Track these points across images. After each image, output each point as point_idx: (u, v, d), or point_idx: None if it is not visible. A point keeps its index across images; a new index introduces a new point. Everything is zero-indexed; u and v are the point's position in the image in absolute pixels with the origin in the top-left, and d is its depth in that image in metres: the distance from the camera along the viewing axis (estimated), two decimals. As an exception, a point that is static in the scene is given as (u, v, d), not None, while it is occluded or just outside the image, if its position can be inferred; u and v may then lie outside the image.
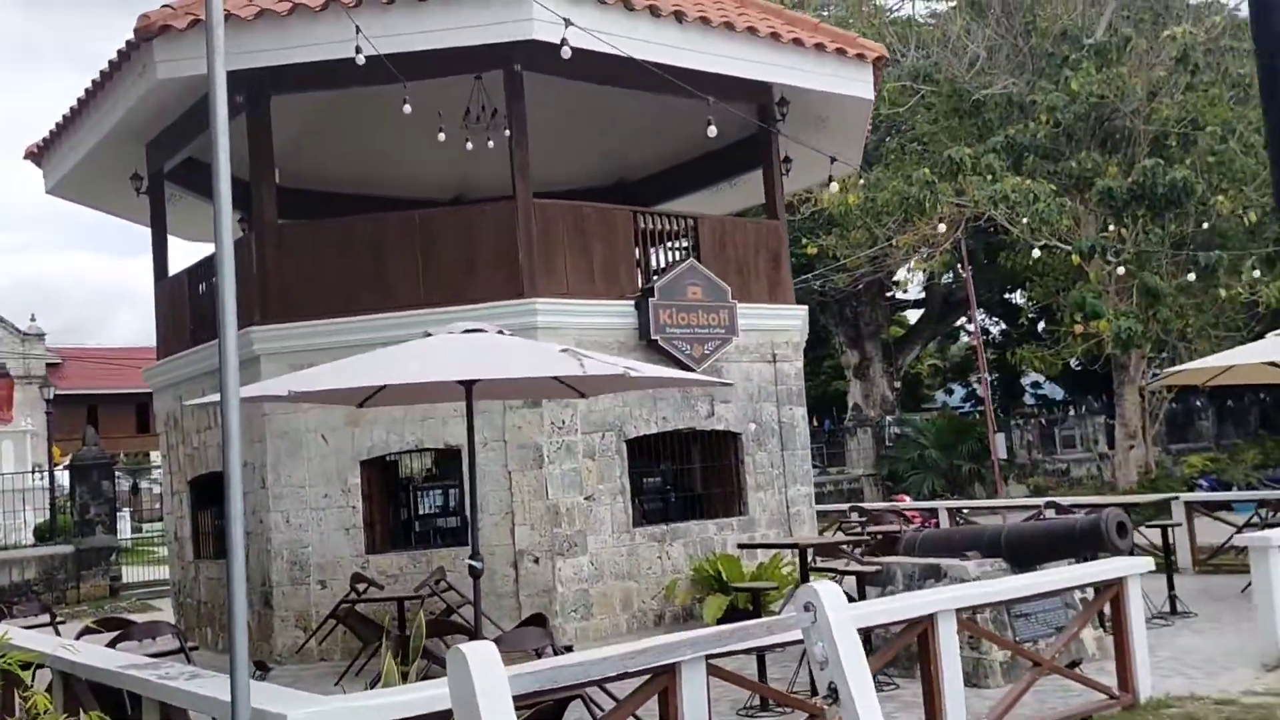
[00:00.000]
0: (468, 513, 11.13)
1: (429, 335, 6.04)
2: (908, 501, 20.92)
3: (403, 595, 10.53)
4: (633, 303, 11.96)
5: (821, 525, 18.20)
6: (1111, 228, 20.30)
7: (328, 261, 11.67)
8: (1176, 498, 14.34)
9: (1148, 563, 7.46)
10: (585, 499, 11.40)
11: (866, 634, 6.24)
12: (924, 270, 23.30)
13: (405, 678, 5.15)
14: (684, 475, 13.03)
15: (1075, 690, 7.68)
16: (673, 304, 12.00)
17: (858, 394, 40.32)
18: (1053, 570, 7.72)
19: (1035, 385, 54.12)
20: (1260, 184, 20.12)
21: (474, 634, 6.45)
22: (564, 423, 11.35)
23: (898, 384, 42.46)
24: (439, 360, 5.65)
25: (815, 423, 39.13)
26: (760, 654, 7.49)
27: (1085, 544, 8.50)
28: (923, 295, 45.30)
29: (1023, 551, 8.94)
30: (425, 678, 5.40)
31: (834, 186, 15.23)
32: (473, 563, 6.16)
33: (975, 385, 53.01)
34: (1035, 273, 25.42)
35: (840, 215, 24.16)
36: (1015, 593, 6.73)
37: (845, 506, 18.27)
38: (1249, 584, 11.96)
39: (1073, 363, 38.92)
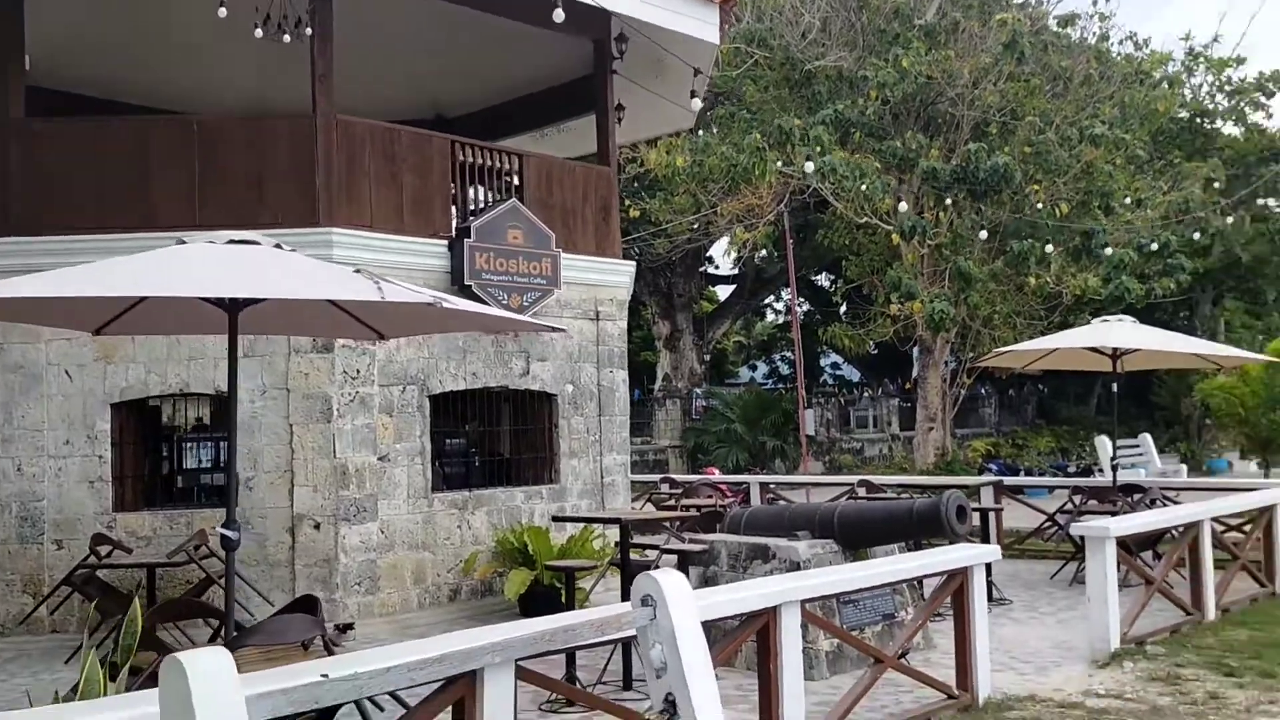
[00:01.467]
0: (239, 469, 9.69)
1: (183, 243, 4.72)
2: (717, 475, 20.45)
3: (154, 561, 9.04)
4: (446, 243, 10.72)
5: (634, 494, 17.47)
6: (933, 207, 20.31)
7: (84, 168, 9.91)
8: (995, 481, 14.25)
9: (994, 551, 6.91)
10: (379, 459, 10.13)
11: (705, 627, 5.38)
12: (746, 241, 22.79)
13: (116, 678, 3.89)
14: (492, 438, 11.91)
15: (905, 686, 7.08)
16: (491, 247, 10.82)
17: (667, 365, 40.02)
18: (906, 557, 7.09)
19: (834, 366, 55.57)
20: (1071, 177, 20.56)
21: (224, 621, 5.20)
22: (358, 372, 10.03)
23: (707, 357, 42.49)
24: (193, 273, 4.37)
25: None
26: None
27: (923, 527, 7.93)
28: (736, 271, 45.51)
29: (856, 533, 8.30)
30: (151, 679, 4.15)
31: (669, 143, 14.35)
32: (225, 532, 4.91)
33: (779, 363, 53.95)
34: (852, 251, 25.47)
35: (666, 178, 23.40)
36: (865, 581, 6.02)
37: (657, 478, 17.57)
38: (1059, 569, 11.97)
39: (870, 346, 39.92)
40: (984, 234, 19.96)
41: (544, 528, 10.92)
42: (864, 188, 19.68)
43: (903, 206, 19.01)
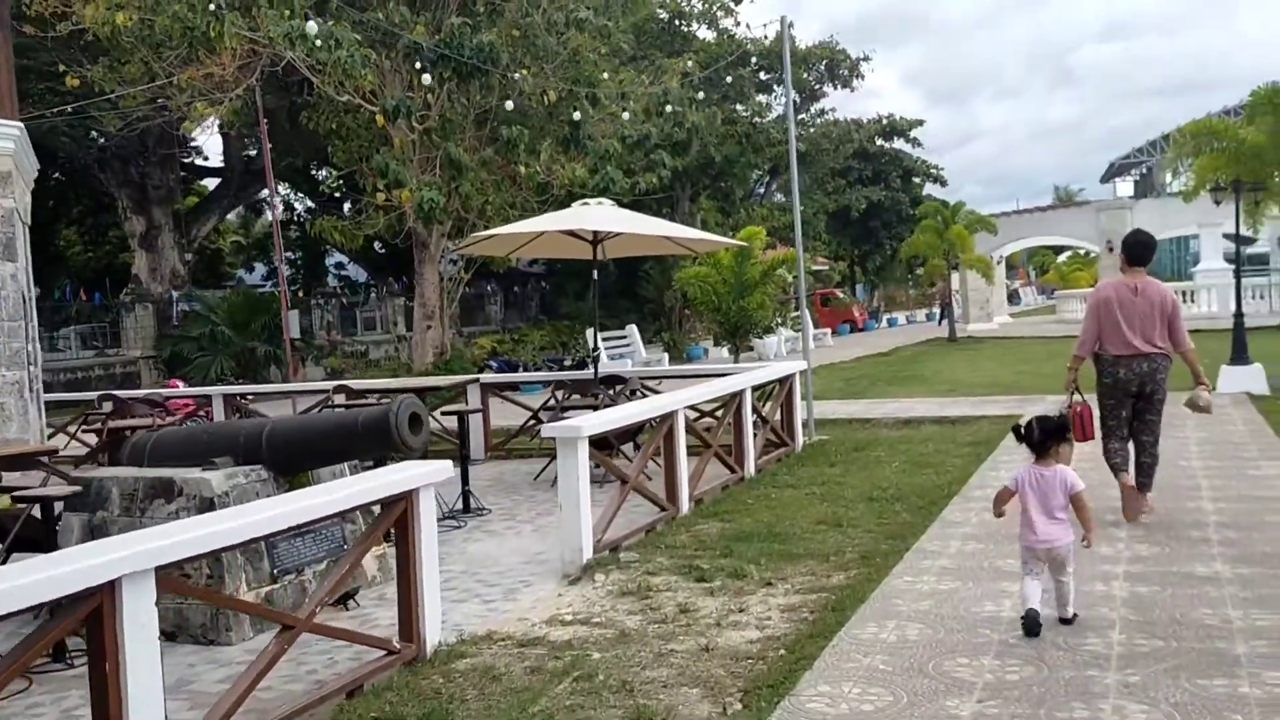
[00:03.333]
0: None
1: None
2: (181, 387, 17.74)
3: None
4: None
5: (68, 418, 14.53)
6: (420, 87, 18.76)
7: None
8: (476, 380, 13.25)
9: (445, 468, 5.67)
10: None
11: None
12: (211, 117, 19.79)
13: None
14: None
15: (344, 647, 5.75)
16: None
17: (144, 266, 35.37)
18: (331, 487, 5.57)
19: (339, 266, 52.90)
20: (560, 64, 19.99)
21: None
22: None
23: (189, 256, 38.15)
24: None
25: (84, 296, 33.48)
26: None
27: (371, 442, 6.53)
28: (221, 164, 41.11)
29: (290, 455, 6.73)
30: None
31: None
32: None
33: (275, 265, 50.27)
34: (339, 136, 23.31)
35: (109, 40, 19.59)
36: (245, 533, 4.44)
37: (95, 395, 14.65)
38: (542, 471, 11.30)
39: (376, 245, 37.90)
40: (473, 120, 18.81)
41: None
42: (342, 60, 17.62)
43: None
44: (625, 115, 20.47)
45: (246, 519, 4.49)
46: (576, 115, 19.76)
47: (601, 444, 10.29)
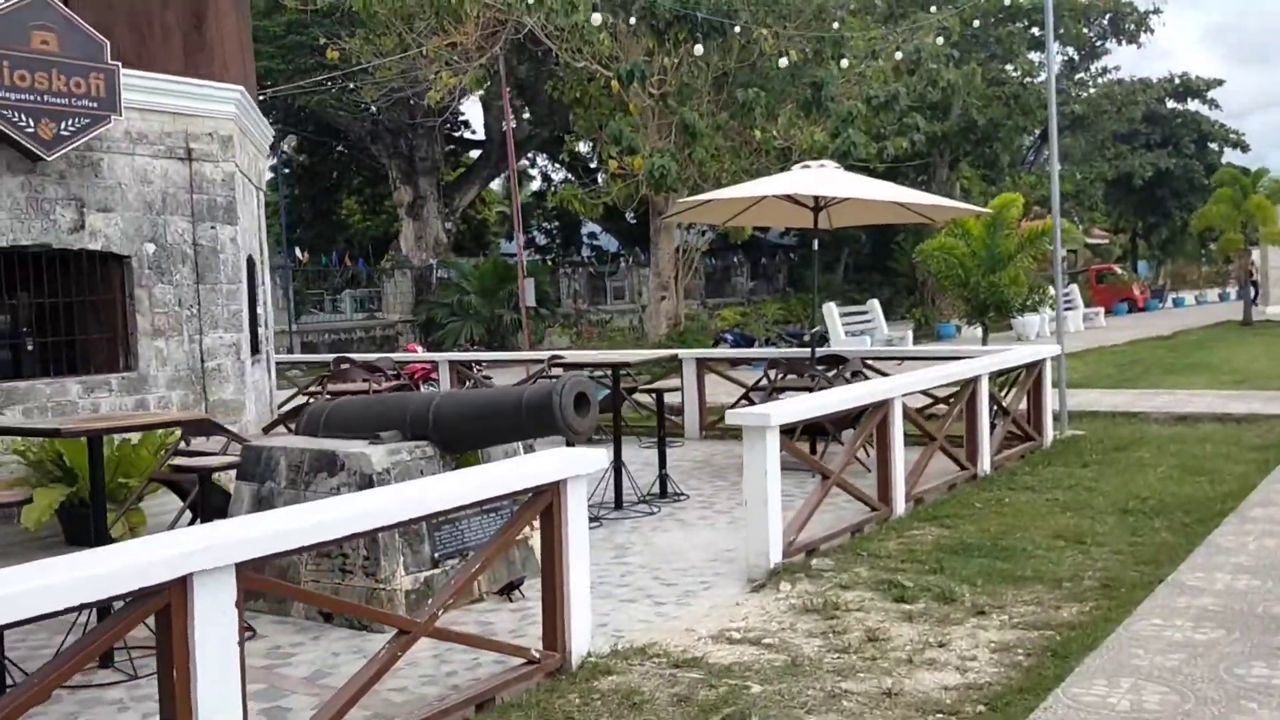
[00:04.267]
0: None
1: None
2: (419, 352, 18.15)
3: None
4: (-68, 47, 7.75)
5: (307, 379, 15.06)
6: (658, 50, 18.25)
7: None
8: (674, 355, 12.58)
9: (595, 459, 5.04)
10: None
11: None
12: (453, 87, 20.08)
13: None
14: (28, 313, 9.18)
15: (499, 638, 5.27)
16: (1, 54, 7.92)
17: (410, 234, 37.14)
18: (469, 478, 5.02)
19: (592, 236, 53.72)
20: (803, 22, 18.92)
21: None
22: None
23: (450, 225, 39.64)
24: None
25: (348, 262, 35.44)
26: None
27: (536, 422, 5.99)
28: (483, 136, 42.39)
29: (455, 432, 6.31)
30: None
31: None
32: None
33: (535, 233, 51.56)
34: (581, 104, 23.25)
35: (364, 13, 20.26)
36: (336, 529, 3.91)
37: (332, 358, 15.10)
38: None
39: (629, 215, 38.01)
40: (710, 83, 18.11)
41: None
42: (580, 24, 17.36)
43: (596, 19, 16.75)
44: (869, 74, 19.14)
45: (341, 512, 4.01)
46: (821, 74, 18.64)
47: (814, 430, 9.47)
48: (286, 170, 46.61)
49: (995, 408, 9.71)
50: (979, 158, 33.28)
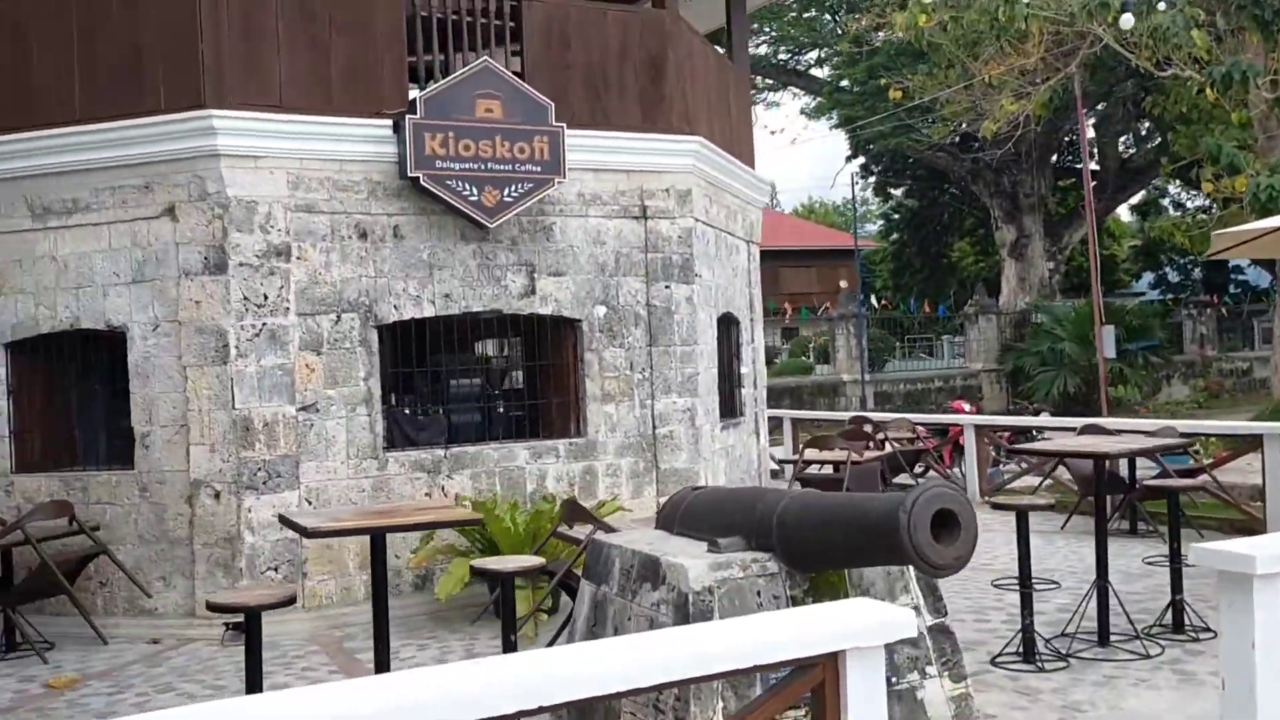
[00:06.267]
0: (135, 423, 7.88)
1: None
2: (965, 409, 16.31)
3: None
4: (392, 123, 8.16)
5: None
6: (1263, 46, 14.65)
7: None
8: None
9: (900, 623, 3.36)
10: (299, 410, 7.88)
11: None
12: (1014, 115, 17.99)
13: None
14: (482, 377, 9.31)
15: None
16: (448, 125, 8.10)
17: (1012, 275, 35.02)
18: (704, 638, 3.51)
19: (1237, 270, 46.30)
20: None
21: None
22: (265, 298, 7.79)
23: (1052, 265, 36.45)
24: None
25: (927, 308, 34.00)
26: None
27: (877, 546, 4.36)
28: (1096, 166, 38.55)
29: (798, 544, 4.88)
30: None
31: None
32: None
33: (1167, 270, 45.69)
34: (1186, 120, 19.73)
35: (921, 45, 19.06)
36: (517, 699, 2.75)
37: (848, 416, 13.96)
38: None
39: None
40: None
41: (552, 497, 8.22)
42: (1162, 25, 14.48)
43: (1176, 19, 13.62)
44: None
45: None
46: None
47: None
48: (895, 216, 46.58)
49: None
50: None
